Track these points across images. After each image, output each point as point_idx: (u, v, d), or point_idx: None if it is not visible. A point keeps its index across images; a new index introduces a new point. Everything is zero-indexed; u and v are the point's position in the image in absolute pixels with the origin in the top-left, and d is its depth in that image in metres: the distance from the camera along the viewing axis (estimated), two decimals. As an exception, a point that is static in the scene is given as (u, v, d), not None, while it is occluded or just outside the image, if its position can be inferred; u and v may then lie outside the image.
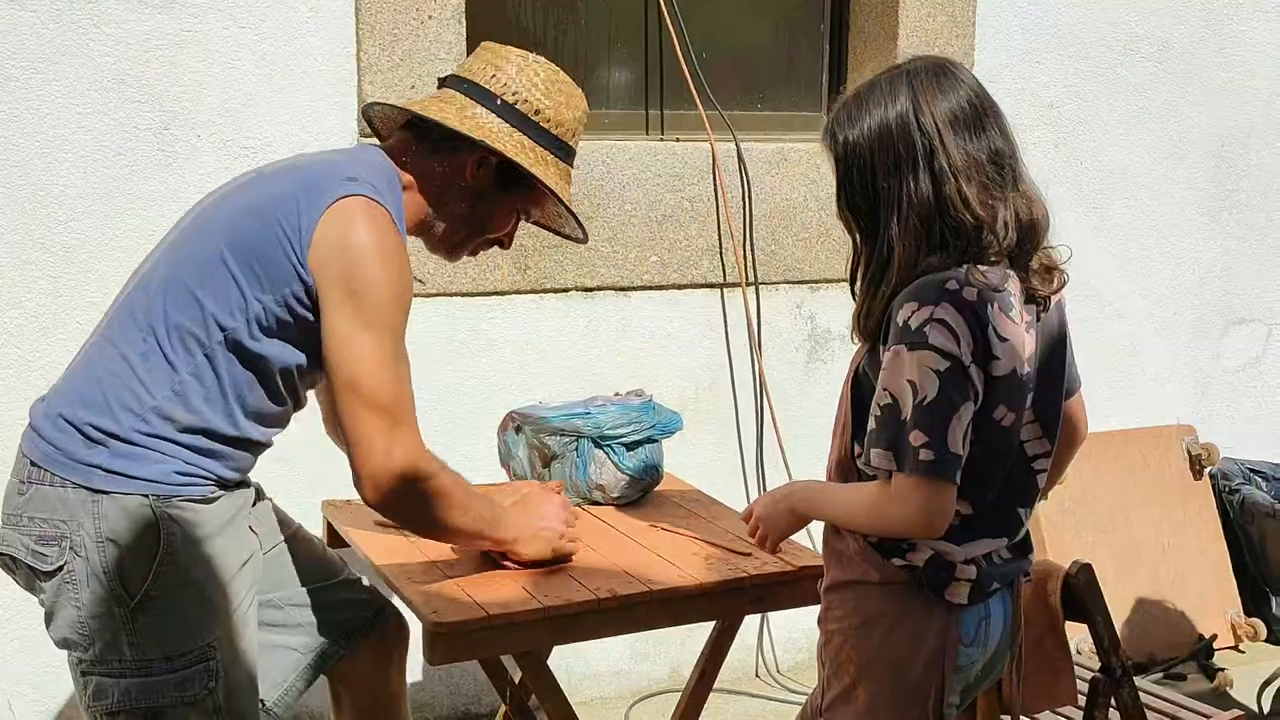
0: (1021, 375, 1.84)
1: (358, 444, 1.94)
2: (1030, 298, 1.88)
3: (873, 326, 1.89)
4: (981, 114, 1.86)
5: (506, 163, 2.10)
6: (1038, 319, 1.90)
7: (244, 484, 2.11)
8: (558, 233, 2.37)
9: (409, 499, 1.97)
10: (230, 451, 2.01)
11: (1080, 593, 2.10)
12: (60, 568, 1.93)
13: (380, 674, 2.38)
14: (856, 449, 1.93)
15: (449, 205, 2.14)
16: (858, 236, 1.94)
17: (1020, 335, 1.84)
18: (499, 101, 2.10)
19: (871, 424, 1.84)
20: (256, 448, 2.08)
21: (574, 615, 2.07)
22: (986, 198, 1.82)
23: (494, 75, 2.12)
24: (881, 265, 1.88)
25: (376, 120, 2.23)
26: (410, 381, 2.00)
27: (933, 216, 1.83)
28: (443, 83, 2.18)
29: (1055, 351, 1.96)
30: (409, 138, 2.14)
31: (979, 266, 1.82)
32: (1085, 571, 2.10)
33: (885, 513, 1.84)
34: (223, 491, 2.02)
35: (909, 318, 1.79)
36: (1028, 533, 2.00)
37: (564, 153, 2.16)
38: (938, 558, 1.88)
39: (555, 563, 2.22)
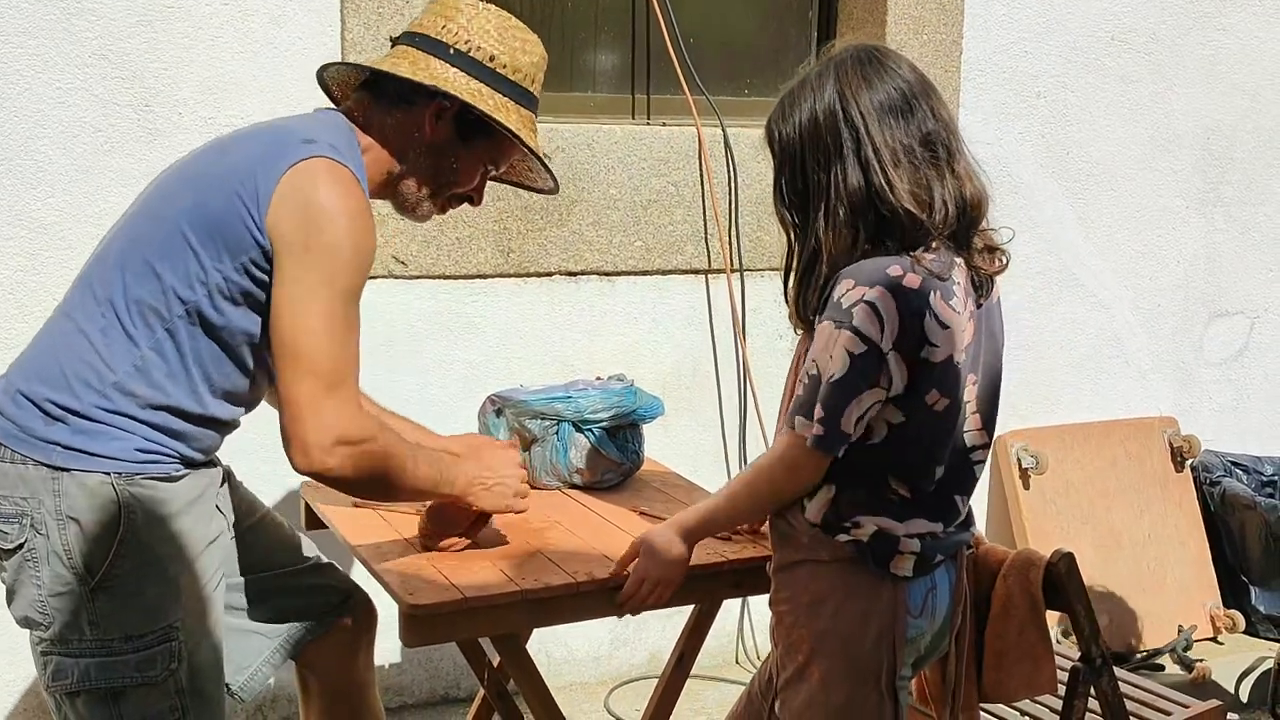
0: (956, 362, 1.87)
1: (289, 408, 1.87)
2: (973, 285, 1.91)
3: (811, 316, 1.92)
4: (910, 98, 1.87)
5: (465, 111, 2.05)
6: (979, 306, 1.93)
7: (211, 463, 2.08)
8: (528, 187, 2.32)
9: (341, 467, 1.90)
10: (195, 431, 1.98)
11: (1062, 581, 2.09)
12: (21, 545, 1.90)
13: (348, 659, 2.36)
14: None
15: (411, 161, 2.09)
16: (792, 233, 1.96)
17: (960, 324, 1.87)
18: (452, 51, 2.05)
19: (799, 390, 1.88)
20: (223, 427, 2.04)
21: (552, 598, 2.06)
22: (919, 181, 1.84)
23: (445, 26, 2.07)
24: (812, 258, 1.90)
25: (332, 84, 2.19)
26: (356, 346, 1.93)
27: (866, 207, 1.84)
28: (395, 42, 2.14)
29: (994, 346, 1.99)
30: (365, 98, 2.10)
31: (924, 254, 1.84)
32: (1067, 560, 2.10)
33: (780, 480, 1.92)
34: (188, 470, 1.98)
35: (843, 295, 1.83)
36: (970, 512, 2.03)
37: (525, 99, 2.11)
38: (881, 532, 1.91)
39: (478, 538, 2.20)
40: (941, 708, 2.18)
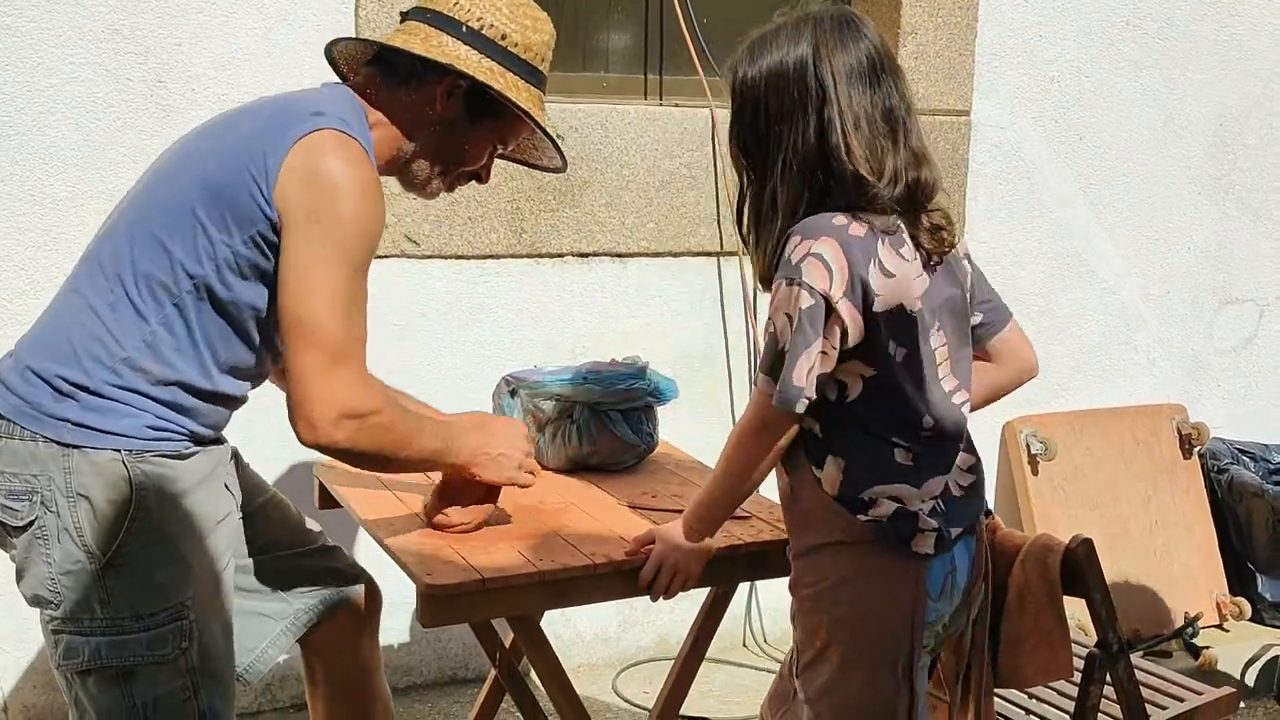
0: (911, 311, 1.89)
1: (296, 382, 1.86)
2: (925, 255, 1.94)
3: (771, 272, 1.94)
4: (879, 70, 1.90)
5: (476, 90, 2.04)
6: (929, 263, 1.94)
7: (219, 441, 2.07)
8: (535, 166, 2.31)
9: (348, 440, 1.89)
10: (204, 406, 1.96)
11: (1080, 567, 2.09)
12: (31, 523, 1.89)
13: (354, 643, 2.33)
14: None
15: (420, 139, 2.08)
16: (745, 177, 1.98)
17: (910, 272, 1.89)
18: (464, 28, 2.04)
19: (763, 351, 1.92)
20: (231, 402, 2.03)
21: (569, 580, 2.06)
22: (873, 150, 1.87)
23: (457, 3, 2.05)
24: (768, 209, 1.92)
25: (340, 59, 2.16)
26: (363, 320, 1.92)
27: (816, 164, 1.88)
28: (405, 16, 2.12)
29: (959, 294, 2.00)
30: (375, 74, 2.08)
31: (868, 212, 1.87)
32: (1085, 546, 2.09)
33: (756, 442, 1.93)
34: (198, 448, 1.97)
35: (791, 251, 1.86)
36: (980, 473, 2.04)
37: (535, 78, 2.10)
38: (902, 509, 1.92)
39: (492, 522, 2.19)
40: (954, 690, 2.18)
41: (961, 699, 2.19)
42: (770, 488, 2.14)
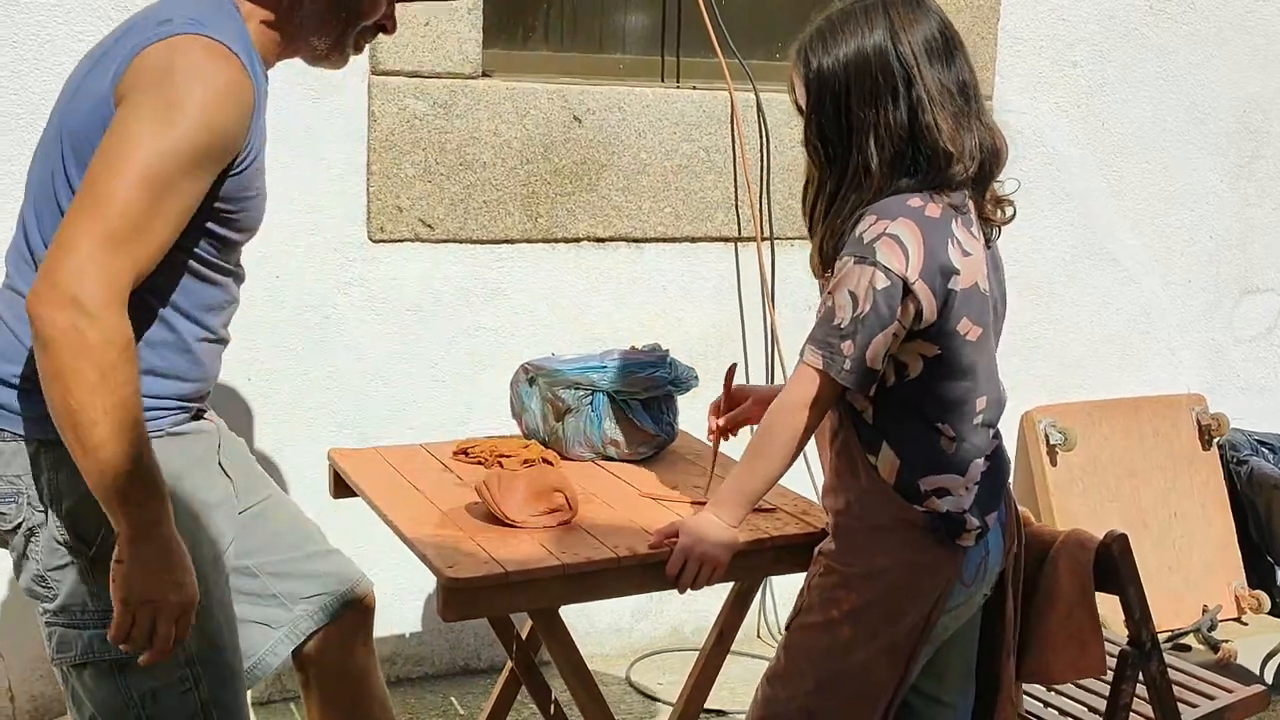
0: (983, 290, 1.91)
1: (56, 243, 1.65)
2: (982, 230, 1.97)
3: (834, 247, 1.93)
4: (952, 44, 1.92)
5: None
6: (987, 246, 1.97)
7: (204, 415, 1.98)
8: None
9: (62, 330, 1.62)
10: (175, 360, 1.86)
11: (1114, 563, 2.05)
12: (19, 524, 1.84)
13: (350, 647, 2.23)
14: None
15: (303, 10, 1.92)
16: (823, 167, 1.96)
17: (981, 251, 1.92)
18: None
19: (816, 323, 1.92)
20: (205, 347, 1.91)
21: (592, 573, 2.02)
22: (958, 126, 1.88)
23: None
24: (847, 193, 1.91)
25: None
26: (170, 223, 1.71)
27: (907, 144, 1.87)
28: None
29: (1000, 281, 2.03)
30: None
31: (944, 190, 1.88)
32: (1120, 542, 2.06)
33: (801, 418, 1.91)
34: (185, 418, 1.89)
35: (865, 230, 1.85)
36: (998, 433, 2.05)
37: None
38: (953, 510, 1.92)
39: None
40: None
41: (988, 692, 2.15)
42: (791, 479, 2.10)
